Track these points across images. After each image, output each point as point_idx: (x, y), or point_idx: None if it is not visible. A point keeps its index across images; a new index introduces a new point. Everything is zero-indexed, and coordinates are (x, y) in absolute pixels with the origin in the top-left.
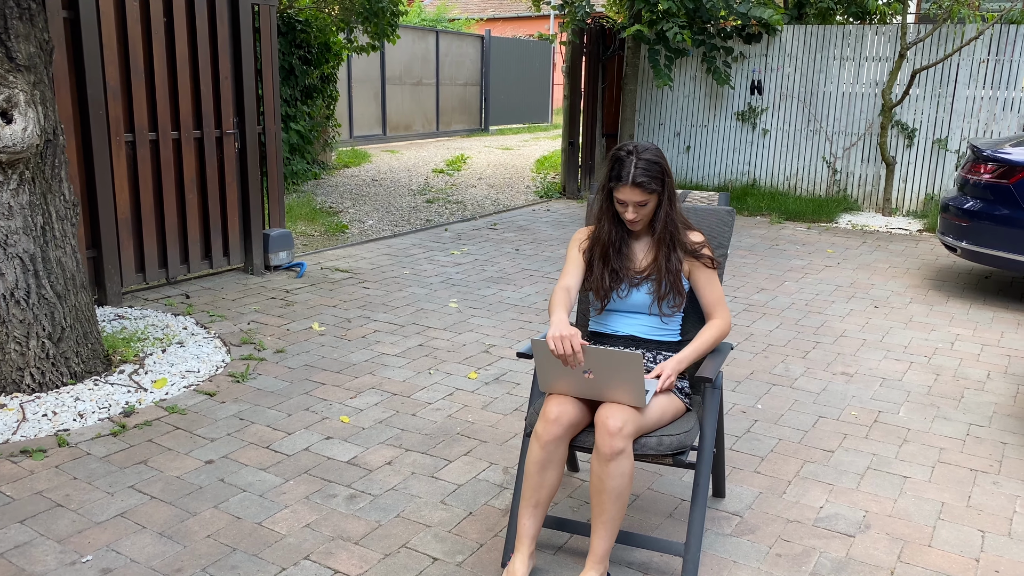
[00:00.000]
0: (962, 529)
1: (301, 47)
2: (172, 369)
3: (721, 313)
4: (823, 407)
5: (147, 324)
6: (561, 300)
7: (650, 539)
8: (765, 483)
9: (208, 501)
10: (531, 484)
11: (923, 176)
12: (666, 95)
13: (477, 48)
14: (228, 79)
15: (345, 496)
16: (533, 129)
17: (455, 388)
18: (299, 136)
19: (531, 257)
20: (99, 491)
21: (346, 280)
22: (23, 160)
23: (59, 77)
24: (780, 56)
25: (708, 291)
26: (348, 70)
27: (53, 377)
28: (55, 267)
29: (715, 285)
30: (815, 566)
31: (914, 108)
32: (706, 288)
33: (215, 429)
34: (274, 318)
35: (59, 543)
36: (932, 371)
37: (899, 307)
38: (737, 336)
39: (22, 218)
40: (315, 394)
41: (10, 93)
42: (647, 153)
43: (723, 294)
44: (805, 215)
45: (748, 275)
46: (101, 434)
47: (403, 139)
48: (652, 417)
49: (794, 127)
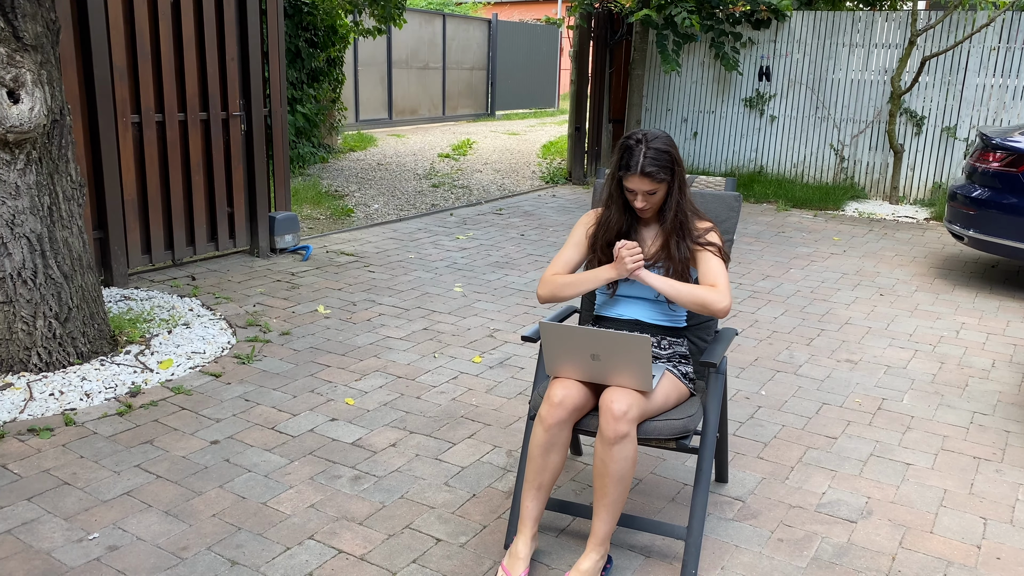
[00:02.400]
0: (964, 516)
1: (308, 29)
2: (178, 350)
3: (723, 285)
4: (827, 394)
5: (153, 305)
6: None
7: (652, 522)
8: (768, 469)
9: (213, 481)
10: (534, 467)
11: (931, 164)
12: (674, 81)
13: (484, 32)
14: (234, 61)
15: (349, 477)
16: (539, 114)
17: (459, 372)
18: (305, 119)
19: (536, 242)
20: (106, 470)
21: (351, 264)
22: (30, 140)
23: (66, 57)
24: (789, 42)
25: (708, 266)
26: (354, 53)
27: (60, 357)
28: (62, 247)
29: (720, 267)
30: (817, 551)
31: (923, 96)
32: (707, 265)
33: (220, 410)
34: (280, 300)
35: (66, 520)
36: (937, 359)
37: (905, 295)
38: (742, 322)
39: (29, 198)
40: (320, 376)
41: (17, 73)
42: (657, 142)
43: (726, 274)
44: (812, 202)
45: (754, 262)
46: (107, 414)
47: (409, 123)
48: (656, 402)
49: (802, 114)
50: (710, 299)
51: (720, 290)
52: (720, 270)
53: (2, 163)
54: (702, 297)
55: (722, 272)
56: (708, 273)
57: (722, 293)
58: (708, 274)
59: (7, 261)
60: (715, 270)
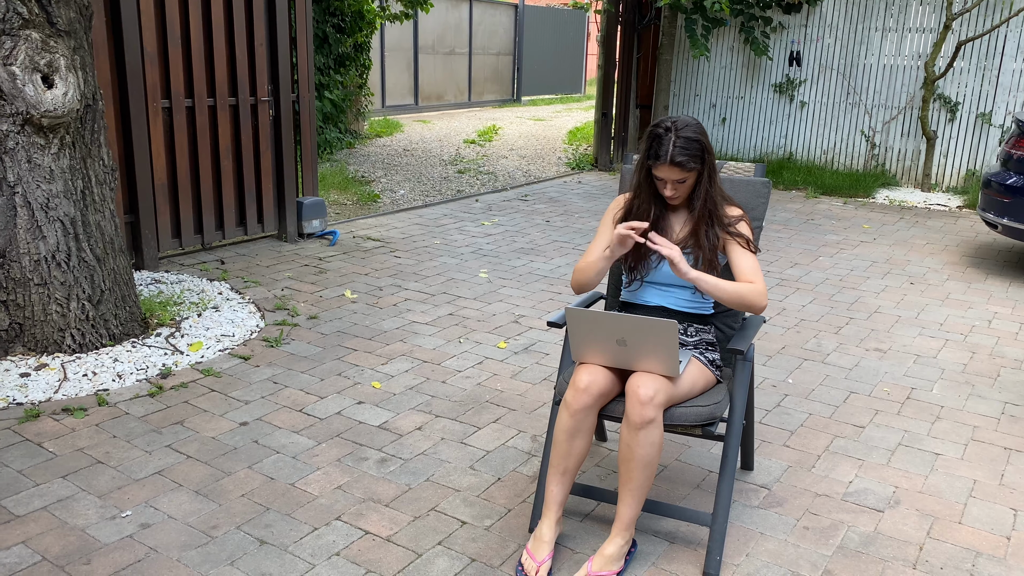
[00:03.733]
0: (994, 507)
1: (335, 15)
2: (207, 333)
3: (760, 281)
4: (855, 383)
5: (183, 289)
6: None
7: (677, 508)
8: (794, 457)
9: (242, 462)
10: (559, 452)
11: (965, 151)
12: (702, 66)
13: (511, 17)
14: (263, 46)
15: (376, 460)
16: (565, 100)
17: (484, 357)
18: (332, 105)
19: (562, 229)
20: (137, 449)
21: (378, 249)
22: (64, 125)
23: (98, 43)
24: (820, 27)
25: (743, 261)
26: (381, 39)
27: (93, 338)
28: (94, 231)
29: (755, 263)
30: (843, 540)
31: (958, 81)
32: (741, 260)
33: (249, 392)
34: (307, 285)
35: (100, 498)
36: (968, 349)
37: (936, 284)
38: (770, 311)
39: (63, 182)
40: (347, 360)
41: (51, 58)
42: (687, 130)
43: (759, 268)
44: (842, 190)
45: (782, 250)
46: (139, 394)
47: (435, 109)
48: (683, 388)
49: (833, 100)
50: (751, 298)
51: (759, 288)
52: (755, 267)
53: (36, 147)
54: (743, 295)
55: (758, 269)
56: (744, 269)
57: (761, 292)
58: (744, 271)
59: (42, 244)
60: (750, 266)
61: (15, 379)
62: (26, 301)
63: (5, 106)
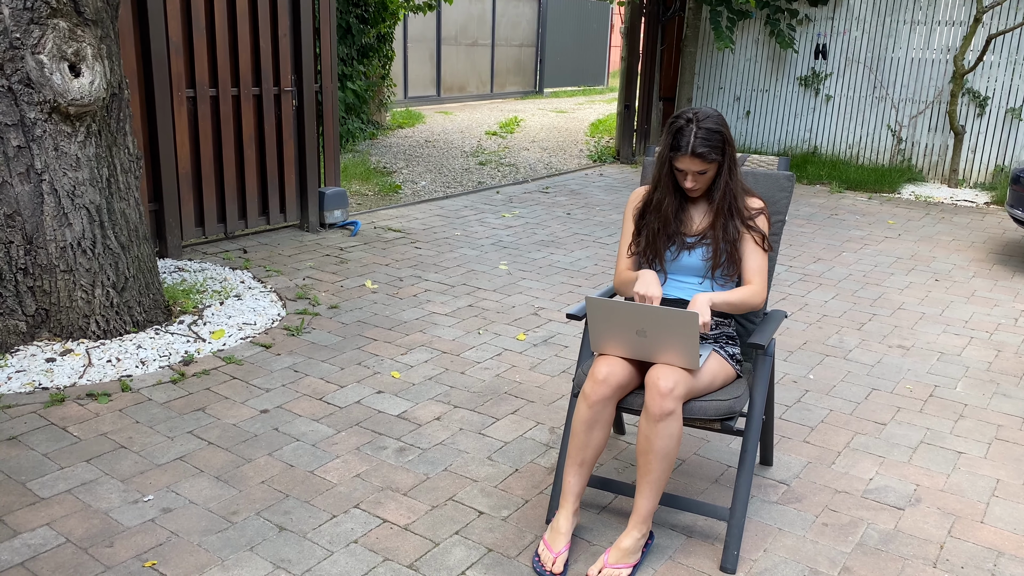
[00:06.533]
0: (1017, 507)
1: (358, 5)
2: (229, 321)
3: (759, 283)
4: (877, 380)
5: (206, 277)
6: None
7: (695, 502)
8: (814, 453)
9: (263, 449)
10: (577, 443)
11: (993, 146)
12: (727, 58)
13: (534, 8)
14: (287, 36)
15: (395, 449)
16: (588, 92)
17: (503, 348)
18: (355, 95)
19: (582, 222)
20: (160, 435)
21: (399, 240)
22: (90, 113)
23: (123, 32)
24: (847, 19)
25: (752, 259)
26: (404, 30)
27: (117, 325)
28: (119, 218)
29: (761, 261)
30: (862, 537)
31: (987, 75)
32: (750, 258)
33: (270, 380)
34: (328, 275)
35: (123, 482)
36: (993, 347)
37: (961, 281)
38: (792, 306)
39: (89, 170)
40: (367, 349)
41: (78, 47)
42: (708, 121)
43: (766, 267)
44: (866, 184)
45: (805, 245)
46: (162, 381)
47: (457, 100)
48: (703, 381)
49: (859, 93)
50: (749, 301)
51: (755, 289)
52: (760, 267)
53: (63, 135)
54: (744, 300)
55: (761, 268)
56: (748, 268)
57: (757, 292)
58: (748, 269)
59: (67, 231)
60: (755, 266)
61: (41, 364)
62: (52, 287)
63: (33, 94)
